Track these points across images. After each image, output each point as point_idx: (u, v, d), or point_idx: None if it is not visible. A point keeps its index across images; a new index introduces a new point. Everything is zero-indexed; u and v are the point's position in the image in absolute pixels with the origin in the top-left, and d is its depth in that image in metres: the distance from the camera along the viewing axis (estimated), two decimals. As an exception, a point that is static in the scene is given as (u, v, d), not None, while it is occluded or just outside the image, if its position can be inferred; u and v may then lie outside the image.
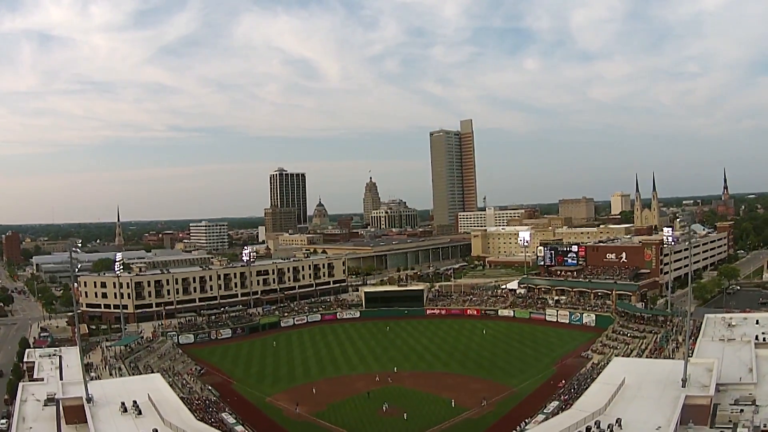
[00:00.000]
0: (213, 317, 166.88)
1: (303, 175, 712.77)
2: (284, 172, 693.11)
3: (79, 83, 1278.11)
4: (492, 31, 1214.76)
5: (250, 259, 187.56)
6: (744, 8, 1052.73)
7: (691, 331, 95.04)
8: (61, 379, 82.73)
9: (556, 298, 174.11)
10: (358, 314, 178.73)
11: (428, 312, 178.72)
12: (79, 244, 73.36)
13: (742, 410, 59.76)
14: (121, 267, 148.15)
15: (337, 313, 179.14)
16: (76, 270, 74.78)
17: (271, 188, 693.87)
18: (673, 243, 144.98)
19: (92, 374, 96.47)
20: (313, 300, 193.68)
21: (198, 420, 66.25)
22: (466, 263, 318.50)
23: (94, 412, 63.15)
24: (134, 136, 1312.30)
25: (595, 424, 53.19)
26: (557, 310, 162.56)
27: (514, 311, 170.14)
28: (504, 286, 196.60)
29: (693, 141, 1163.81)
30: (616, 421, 53.68)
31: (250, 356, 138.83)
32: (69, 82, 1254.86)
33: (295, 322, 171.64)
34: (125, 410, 63.65)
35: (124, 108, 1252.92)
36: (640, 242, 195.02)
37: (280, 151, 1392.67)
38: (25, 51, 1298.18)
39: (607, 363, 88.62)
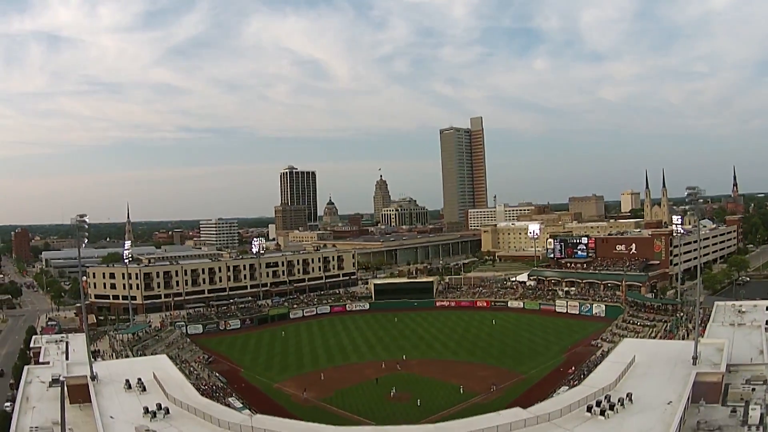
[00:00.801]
0: (222, 308, 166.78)
1: (313, 173, 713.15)
2: (294, 170, 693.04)
3: (88, 84, 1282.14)
4: (501, 31, 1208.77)
5: (259, 250, 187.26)
6: (752, 8, 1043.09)
7: (701, 318, 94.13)
8: (66, 360, 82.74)
9: (566, 289, 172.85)
10: (367, 306, 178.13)
11: (438, 304, 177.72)
12: (87, 219, 73.01)
13: (754, 389, 59.00)
14: (130, 256, 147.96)
15: (347, 305, 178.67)
16: (84, 240, 74.40)
17: (281, 187, 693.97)
18: (682, 232, 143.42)
19: (99, 359, 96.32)
20: (322, 292, 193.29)
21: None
22: (476, 258, 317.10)
23: (98, 390, 62.99)
24: (144, 137, 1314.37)
25: (605, 398, 52.44)
26: (567, 301, 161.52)
27: (523, 303, 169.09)
28: (514, 279, 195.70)
29: (702, 141, 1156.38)
30: (627, 396, 52.94)
31: (258, 346, 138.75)
32: (78, 83, 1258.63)
33: (305, 314, 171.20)
34: (129, 387, 63.45)
35: (133, 109, 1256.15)
36: (649, 234, 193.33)
37: (290, 151, 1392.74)
38: (34, 52, 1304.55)
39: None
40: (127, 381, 64.30)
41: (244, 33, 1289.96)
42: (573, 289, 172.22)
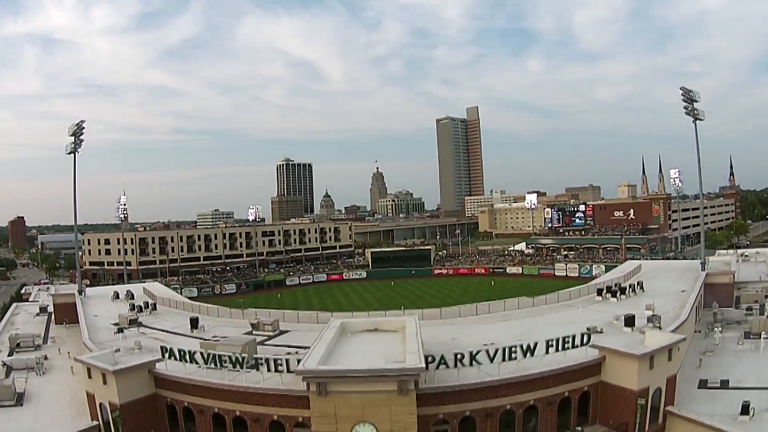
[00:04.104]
0: (217, 273, 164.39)
1: (310, 165, 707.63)
2: (291, 162, 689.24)
3: (83, 86, 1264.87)
4: (495, 32, 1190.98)
5: (255, 218, 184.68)
6: (746, 7, 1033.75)
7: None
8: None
9: (565, 253, 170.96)
10: (364, 274, 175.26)
11: (436, 272, 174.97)
12: (85, 125, 70.79)
13: (767, 295, 57.30)
14: (125, 212, 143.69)
15: (344, 273, 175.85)
16: (81, 146, 72.61)
17: (278, 179, 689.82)
18: (680, 184, 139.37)
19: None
20: (319, 263, 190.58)
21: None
22: (473, 239, 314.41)
23: (85, 302, 60.89)
24: (139, 140, 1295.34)
25: (616, 285, 50.49)
26: (566, 264, 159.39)
27: (522, 268, 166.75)
28: (512, 248, 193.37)
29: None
30: (638, 284, 51.11)
31: (253, 305, 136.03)
32: (73, 85, 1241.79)
33: (301, 281, 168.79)
34: (117, 297, 61.43)
35: (128, 111, 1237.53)
36: (647, 198, 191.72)
37: (286, 153, 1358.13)
38: (29, 54, 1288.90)
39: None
40: (116, 292, 62.47)
41: (238, 35, 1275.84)
42: (572, 253, 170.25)
